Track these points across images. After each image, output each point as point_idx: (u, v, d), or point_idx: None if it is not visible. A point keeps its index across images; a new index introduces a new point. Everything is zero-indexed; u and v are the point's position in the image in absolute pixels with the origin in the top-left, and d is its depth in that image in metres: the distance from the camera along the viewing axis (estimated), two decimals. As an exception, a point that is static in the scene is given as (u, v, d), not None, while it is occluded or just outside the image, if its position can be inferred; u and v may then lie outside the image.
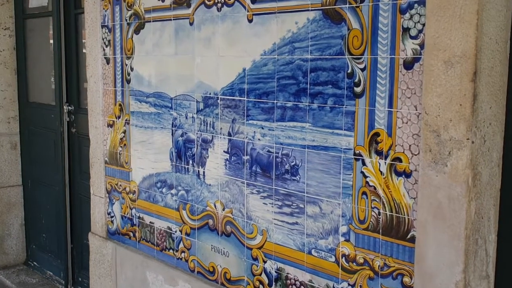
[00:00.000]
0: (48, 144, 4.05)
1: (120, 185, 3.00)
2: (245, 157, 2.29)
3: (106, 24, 2.94)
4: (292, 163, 2.11)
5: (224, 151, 2.39)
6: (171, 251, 2.73)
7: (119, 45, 2.88)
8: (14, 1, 4.18)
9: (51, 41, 3.93)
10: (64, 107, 3.79)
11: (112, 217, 3.10)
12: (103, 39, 2.97)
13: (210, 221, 2.49)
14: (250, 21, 2.20)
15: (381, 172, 1.84)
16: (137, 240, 2.94)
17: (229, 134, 2.35)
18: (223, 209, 2.42)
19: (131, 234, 2.98)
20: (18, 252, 4.50)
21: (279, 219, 2.19)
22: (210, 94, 2.40)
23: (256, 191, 2.27)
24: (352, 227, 1.94)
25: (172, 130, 2.63)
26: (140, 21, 2.72)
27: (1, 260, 4.42)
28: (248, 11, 2.21)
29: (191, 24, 2.46)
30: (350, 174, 1.93)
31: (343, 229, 1.97)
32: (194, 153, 2.53)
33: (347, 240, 1.96)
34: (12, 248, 4.46)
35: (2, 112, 4.28)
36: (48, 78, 4.14)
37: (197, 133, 2.50)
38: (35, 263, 4.41)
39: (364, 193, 1.90)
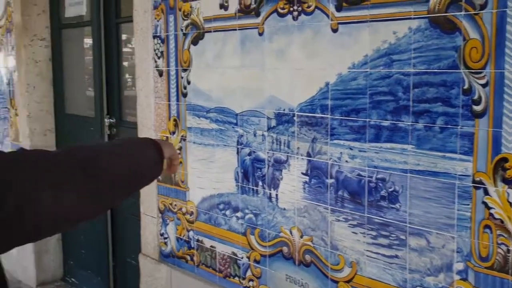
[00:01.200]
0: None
1: (175, 205, 2.69)
2: (329, 181, 1.98)
3: (158, 34, 2.63)
4: (390, 189, 1.80)
5: (302, 173, 2.08)
6: (236, 278, 2.42)
7: (173, 56, 2.57)
8: (50, 11, 3.88)
9: (89, 51, 3.63)
10: (105, 119, 3.48)
11: (165, 238, 2.79)
12: (155, 50, 2.66)
13: (285, 249, 2.18)
14: (334, 30, 1.88)
15: (510, 203, 1.52)
16: (196, 264, 2.64)
17: (309, 155, 2.03)
18: (301, 236, 2.12)
19: (188, 258, 2.68)
20: (55, 268, 4.21)
21: (373, 251, 1.87)
22: (284, 110, 2.09)
23: (344, 218, 1.96)
24: (470, 264, 1.63)
25: (238, 148, 2.32)
26: (199, 31, 2.41)
27: (39, 276, 4.14)
28: (332, 20, 1.89)
29: (260, 34, 2.14)
30: (468, 205, 1.62)
31: (458, 266, 1.66)
32: (265, 174, 2.22)
33: (464, 279, 1.65)
34: (49, 264, 4.17)
35: (38, 124, 3.99)
36: (85, 90, 3.84)
37: (268, 152, 2.19)
38: (73, 279, 4.12)
39: (487, 226, 1.59)
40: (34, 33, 3.90)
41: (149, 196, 2.85)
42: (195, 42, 2.45)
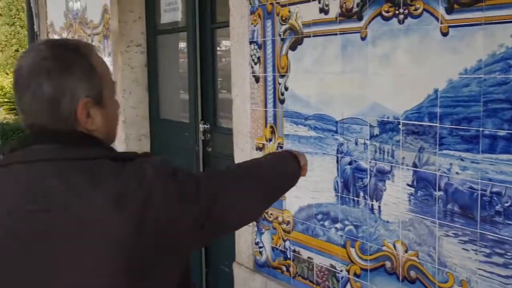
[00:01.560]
0: (181, 162, 3.88)
1: (271, 214, 2.73)
2: (437, 193, 1.94)
3: (255, 40, 2.68)
4: (507, 204, 1.74)
5: (407, 184, 2.04)
6: (335, 291, 2.42)
7: (270, 62, 2.61)
8: (146, 18, 4.06)
9: (184, 57, 3.76)
10: (200, 125, 3.59)
11: (260, 247, 2.84)
12: (251, 56, 2.72)
13: (388, 263, 2.16)
14: (444, 34, 1.84)
15: None
16: (292, 275, 2.66)
17: (414, 165, 2.00)
18: (406, 251, 2.08)
19: (284, 268, 2.71)
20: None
21: (487, 270, 1.81)
22: (388, 118, 2.07)
23: (453, 233, 1.91)
24: None
25: (338, 157, 2.32)
26: (297, 36, 2.44)
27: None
28: (441, 23, 1.85)
29: (362, 38, 2.13)
30: None
31: None
32: (366, 184, 2.21)
33: None
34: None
35: (133, 129, 4.18)
36: (180, 95, 3.98)
37: (370, 162, 2.17)
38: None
39: None
40: (130, 39, 4.09)
41: (244, 204, 2.91)
42: (293, 47, 2.48)
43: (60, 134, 1.11)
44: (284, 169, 1.48)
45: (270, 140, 2.68)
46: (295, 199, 2.58)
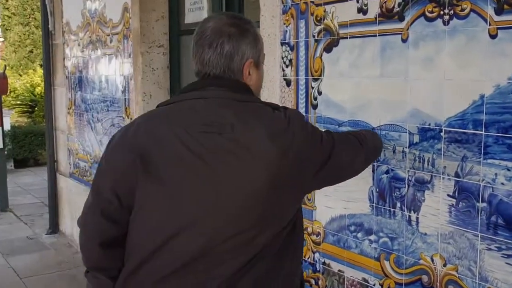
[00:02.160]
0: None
1: (300, 225, 2.75)
2: (480, 205, 1.95)
3: (287, 41, 2.73)
4: (556, 217, 1.74)
5: (448, 195, 2.06)
6: (367, 307, 2.43)
7: (303, 65, 2.65)
8: (169, 17, 4.12)
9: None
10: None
11: (287, 259, 2.85)
12: (282, 58, 2.76)
13: (425, 277, 2.17)
14: (493, 36, 1.87)
15: None
16: (320, 289, 2.68)
17: (457, 175, 2.02)
18: (444, 265, 2.09)
19: (313, 282, 2.72)
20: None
21: (533, 286, 1.82)
22: (429, 125, 2.09)
23: (496, 247, 1.92)
24: None
25: (373, 166, 2.34)
26: (333, 37, 2.47)
27: None
28: (490, 24, 1.88)
29: (404, 40, 2.16)
30: None
31: None
32: (404, 194, 2.23)
33: None
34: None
35: (152, 135, 4.22)
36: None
37: (408, 171, 2.19)
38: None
39: None
40: (152, 40, 4.16)
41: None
42: (328, 49, 2.51)
43: (230, 82, 1.56)
44: (377, 142, 2.03)
45: (301, 146, 2.70)
46: (327, 209, 2.60)
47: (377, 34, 2.27)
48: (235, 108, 1.51)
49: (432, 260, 2.14)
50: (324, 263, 2.65)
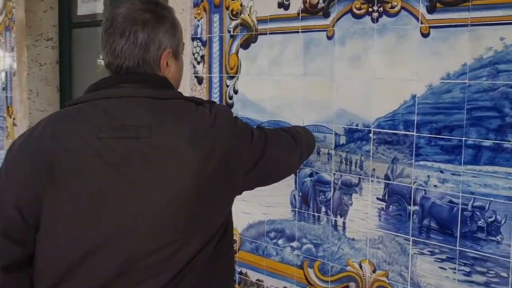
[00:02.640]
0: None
1: (213, 232, 2.62)
2: (412, 208, 1.93)
3: (198, 36, 2.58)
4: (490, 219, 1.75)
5: (377, 198, 2.02)
6: (289, 317, 2.35)
7: (217, 62, 2.52)
8: (59, 8, 3.83)
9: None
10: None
11: (199, 269, 2.72)
12: (193, 54, 2.62)
13: (352, 284, 2.12)
14: (425, 35, 1.84)
15: None
16: (237, 300, 2.57)
17: (387, 178, 1.98)
18: (374, 271, 2.06)
19: (228, 292, 2.60)
20: None
21: (467, 290, 1.82)
22: (357, 125, 2.04)
23: (429, 251, 1.90)
24: None
25: (296, 169, 2.26)
26: (251, 33, 2.37)
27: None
28: (422, 22, 1.85)
29: (329, 37, 2.10)
30: None
31: None
32: (329, 198, 2.16)
33: None
34: None
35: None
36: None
37: (334, 173, 2.13)
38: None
39: None
40: (40, 32, 3.85)
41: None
42: (245, 45, 2.40)
43: (145, 76, 1.42)
44: (310, 138, 2.00)
45: (214, 148, 2.57)
46: (244, 215, 2.49)
47: (300, 30, 2.19)
48: (152, 107, 1.36)
49: (361, 266, 2.09)
50: (241, 273, 2.54)
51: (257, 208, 2.43)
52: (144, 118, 1.34)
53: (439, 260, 1.88)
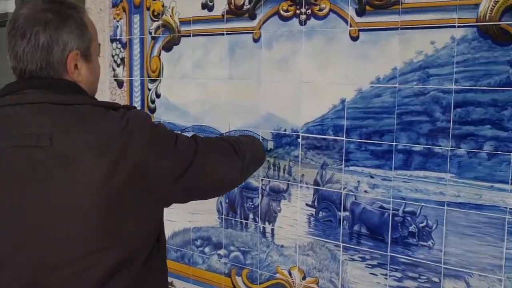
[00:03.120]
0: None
1: (136, 240, 2.42)
2: (342, 214, 1.81)
3: (118, 37, 2.37)
4: (421, 224, 1.66)
5: (307, 204, 1.90)
6: (217, 326, 2.20)
7: (138, 64, 2.32)
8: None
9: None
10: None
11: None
12: (113, 56, 2.40)
13: (282, 292, 1.99)
14: (354, 38, 1.73)
15: None
16: (162, 310, 2.37)
17: (316, 183, 1.86)
18: (303, 278, 1.93)
19: (152, 302, 2.40)
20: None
21: (399, 296, 1.72)
22: (285, 130, 1.91)
23: (360, 257, 1.80)
24: (523, 311, 1.51)
25: (222, 175, 2.09)
26: (173, 35, 2.18)
27: None
28: (351, 25, 1.74)
29: (255, 40, 1.95)
30: (521, 243, 1.50)
31: (507, 313, 1.53)
32: (257, 205, 2.02)
33: (517, 330, 1.52)
34: None
35: None
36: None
37: (262, 179, 1.99)
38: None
39: (543, 268, 1.47)
40: None
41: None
42: (167, 47, 2.21)
43: (49, 81, 1.27)
44: (258, 148, 1.77)
45: (136, 154, 2.37)
46: (168, 222, 2.29)
47: (225, 32, 2.03)
48: (54, 114, 1.22)
49: (290, 274, 1.96)
50: (166, 282, 2.34)
51: (182, 215, 2.25)
52: (45, 125, 1.20)
53: (370, 266, 1.78)
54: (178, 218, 2.27)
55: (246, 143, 1.63)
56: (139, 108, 2.34)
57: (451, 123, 1.58)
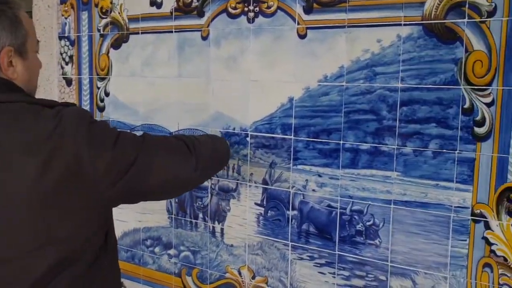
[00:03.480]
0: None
1: (86, 241, 2.30)
2: (291, 213, 1.74)
3: (66, 35, 2.25)
4: (369, 223, 1.60)
5: (256, 204, 1.82)
6: (167, 327, 2.10)
7: (87, 62, 2.20)
8: None
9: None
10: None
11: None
12: (61, 54, 2.28)
13: (231, 293, 1.91)
14: (302, 36, 1.66)
15: (518, 239, 1.38)
16: (112, 311, 2.26)
17: (265, 182, 1.78)
18: (253, 277, 1.85)
19: (103, 303, 2.29)
20: None
21: (347, 295, 1.66)
22: (234, 129, 1.83)
23: (308, 256, 1.73)
24: (468, 309, 1.46)
25: (171, 174, 2.00)
26: (122, 32, 2.08)
27: None
28: (298, 23, 1.67)
29: (204, 38, 1.86)
30: (465, 240, 1.46)
31: (452, 311, 1.49)
32: (207, 204, 1.94)
33: (462, 327, 1.48)
34: None
35: None
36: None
37: (211, 179, 1.90)
38: None
39: (487, 265, 1.44)
40: None
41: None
42: (116, 45, 2.11)
43: None
44: (219, 147, 1.63)
45: (86, 153, 2.25)
46: (118, 223, 2.18)
47: (174, 30, 1.94)
48: None
49: (240, 273, 1.88)
50: (116, 282, 2.23)
51: (132, 215, 2.14)
52: None
53: (319, 265, 1.71)
54: (128, 218, 2.16)
55: (204, 142, 1.50)
56: (88, 106, 2.23)
57: (397, 121, 1.52)
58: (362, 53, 1.56)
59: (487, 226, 1.43)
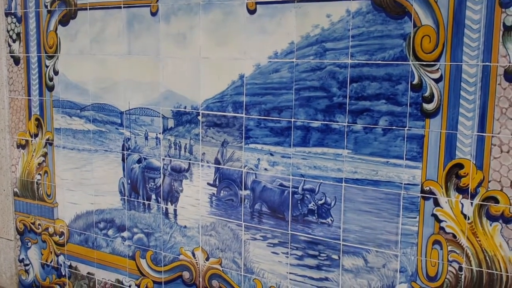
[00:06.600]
0: None
1: (39, 225, 2.26)
2: (243, 192, 1.72)
3: (13, 11, 2.17)
4: (320, 202, 1.59)
5: (208, 184, 1.80)
6: (122, 310, 2.08)
7: (34, 40, 2.13)
8: None
9: None
10: None
11: (26, 265, 2.35)
12: (8, 31, 2.20)
13: (186, 274, 1.89)
14: (252, 12, 1.63)
15: (464, 215, 1.39)
16: (67, 295, 2.24)
17: (217, 162, 1.76)
18: (207, 259, 1.84)
19: (58, 288, 2.26)
20: None
21: (299, 273, 1.66)
22: (185, 108, 1.79)
23: (261, 236, 1.72)
24: (416, 285, 1.48)
25: (123, 154, 1.97)
26: (70, 8, 2.01)
27: None
28: (248, -2, 1.63)
29: (153, 14, 1.82)
30: (415, 218, 1.46)
31: (402, 287, 1.49)
32: (159, 185, 1.90)
33: (412, 304, 1.49)
34: None
35: None
36: None
37: (163, 159, 1.87)
38: None
39: (436, 242, 1.44)
40: None
41: (3, 214, 2.38)
42: (64, 22, 2.04)
43: None
44: None
45: (36, 135, 2.20)
46: (71, 205, 2.15)
47: (122, 6, 1.88)
48: None
49: (194, 255, 1.86)
50: (70, 266, 2.20)
51: (84, 197, 2.10)
52: None
53: (272, 245, 1.70)
54: (80, 200, 2.12)
55: None
56: (37, 86, 2.16)
57: (348, 98, 1.51)
58: (312, 29, 1.54)
59: (437, 203, 1.43)
